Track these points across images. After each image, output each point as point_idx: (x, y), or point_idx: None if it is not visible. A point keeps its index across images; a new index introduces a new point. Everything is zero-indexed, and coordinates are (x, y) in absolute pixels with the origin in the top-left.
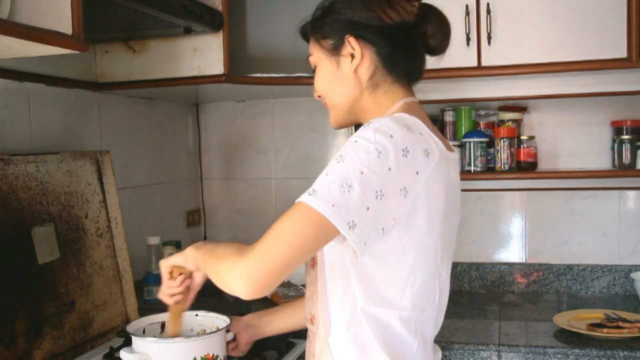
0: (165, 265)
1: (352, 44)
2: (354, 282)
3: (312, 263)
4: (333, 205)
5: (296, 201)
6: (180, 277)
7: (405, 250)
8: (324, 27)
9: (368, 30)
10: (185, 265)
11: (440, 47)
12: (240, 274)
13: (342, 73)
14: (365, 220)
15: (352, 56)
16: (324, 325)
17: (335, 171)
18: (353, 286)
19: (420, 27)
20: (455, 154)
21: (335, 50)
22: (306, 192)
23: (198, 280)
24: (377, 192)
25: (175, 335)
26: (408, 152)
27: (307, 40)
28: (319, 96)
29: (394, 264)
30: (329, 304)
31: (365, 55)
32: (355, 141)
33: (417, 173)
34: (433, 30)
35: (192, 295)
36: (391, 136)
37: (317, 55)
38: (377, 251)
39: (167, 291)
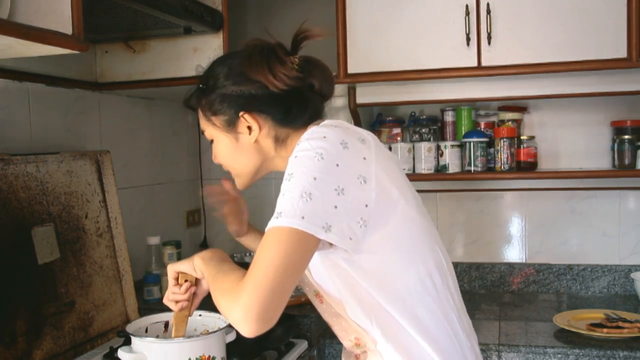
0: (171, 270)
1: (247, 120)
2: (367, 286)
3: (320, 299)
4: (303, 217)
5: (266, 229)
6: (186, 285)
7: (398, 228)
8: (213, 105)
9: (258, 101)
10: (192, 274)
11: (328, 93)
12: (240, 316)
13: (243, 145)
14: (339, 218)
15: (250, 129)
16: (370, 339)
17: (290, 189)
18: (369, 290)
19: (306, 82)
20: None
21: (230, 126)
22: (272, 218)
23: (205, 287)
24: (336, 189)
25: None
26: (347, 143)
27: (195, 110)
28: (218, 162)
29: (394, 247)
30: (358, 320)
31: (262, 126)
32: (296, 157)
33: (365, 158)
34: (319, 83)
35: (197, 302)
36: (324, 137)
37: (212, 132)
38: (373, 245)
39: (172, 297)
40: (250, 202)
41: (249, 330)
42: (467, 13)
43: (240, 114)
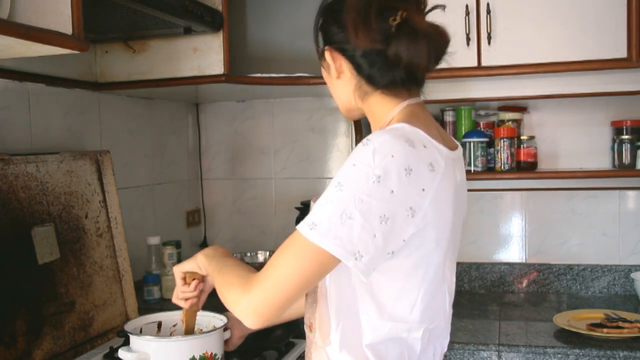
0: (178, 271)
1: (328, 57)
2: (360, 296)
3: None
4: (335, 238)
5: (296, 231)
6: (194, 283)
7: (415, 267)
8: (317, 34)
9: (343, 47)
10: (198, 272)
11: (418, 65)
12: (246, 309)
13: (331, 78)
14: (374, 249)
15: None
16: (321, 334)
17: (334, 201)
18: (358, 300)
19: (390, 49)
20: (459, 151)
21: (322, 57)
22: (305, 223)
23: (210, 283)
24: (381, 217)
25: (191, 332)
26: (411, 170)
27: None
28: None
29: (403, 279)
30: (329, 313)
31: (343, 69)
32: (354, 165)
33: (423, 190)
34: (407, 54)
35: (204, 297)
36: (392, 156)
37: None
38: (385, 268)
39: (182, 295)
40: (250, 202)
41: (251, 323)
42: (467, 13)
43: (325, 48)
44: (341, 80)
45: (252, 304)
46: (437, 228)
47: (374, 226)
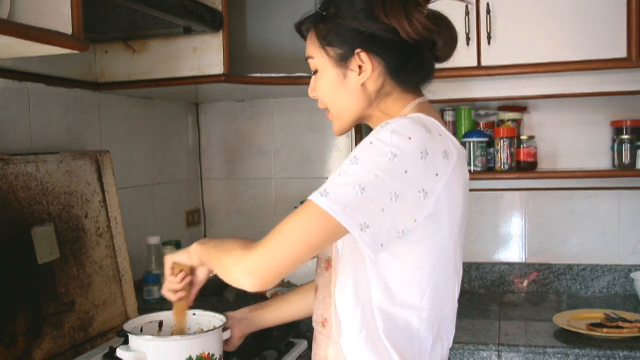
0: (168, 261)
1: (362, 58)
2: (374, 283)
3: (327, 266)
4: (345, 208)
5: (308, 199)
6: (181, 275)
7: (428, 253)
8: (330, 35)
9: (378, 43)
10: (188, 263)
11: (447, 56)
12: (246, 268)
13: (349, 85)
14: (381, 222)
15: (361, 69)
16: (337, 329)
17: (349, 172)
18: (372, 287)
19: (431, 39)
20: (465, 150)
21: (343, 61)
22: (318, 191)
23: (201, 276)
24: (391, 194)
25: (181, 331)
26: (428, 154)
27: (303, 37)
28: (315, 97)
29: (415, 265)
30: (343, 307)
31: (375, 69)
32: (371, 143)
33: (437, 175)
34: (443, 43)
35: (195, 291)
36: (410, 138)
37: (321, 62)
38: (399, 252)
39: (169, 286)
40: (250, 202)
41: (251, 284)
42: (467, 13)
43: (357, 51)
44: (360, 87)
45: (254, 263)
46: (449, 216)
47: (383, 201)
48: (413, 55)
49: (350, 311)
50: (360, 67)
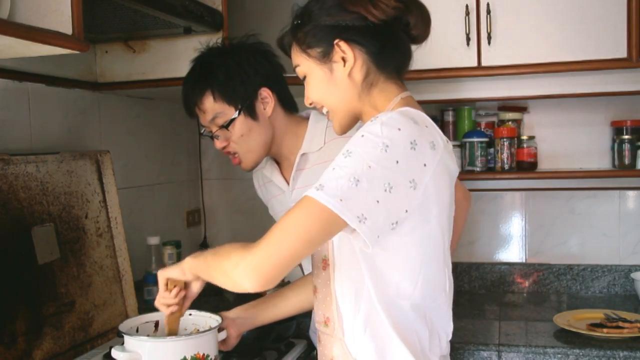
0: (161, 277)
1: (342, 48)
2: (367, 277)
3: (324, 265)
4: (341, 200)
5: (304, 195)
6: (175, 290)
7: (417, 242)
8: (308, 37)
9: (354, 32)
10: (181, 279)
11: (422, 35)
12: (247, 267)
13: (336, 78)
14: (377, 214)
15: (344, 60)
16: (340, 327)
17: (342, 165)
18: (366, 282)
19: (402, 19)
20: (450, 144)
21: (325, 57)
22: (314, 186)
23: (194, 290)
24: (385, 185)
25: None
26: (416, 144)
27: (287, 53)
28: (311, 103)
29: (405, 255)
30: (344, 304)
31: (357, 57)
32: (362, 135)
33: (425, 165)
34: (415, 21)
35: (187, 304)
36: (399, 129)
37: (306, 65)
38: (389, 243)
39: (163, 301)
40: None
41: (253, 283)
42: (467, 13)
43: (336, 41)
44: (347, 78)
45: (253, 262)
46: (437, 204)
47: (377, 192)
48: (388, 37)
49: (351, 310)
50: (343, 58)
